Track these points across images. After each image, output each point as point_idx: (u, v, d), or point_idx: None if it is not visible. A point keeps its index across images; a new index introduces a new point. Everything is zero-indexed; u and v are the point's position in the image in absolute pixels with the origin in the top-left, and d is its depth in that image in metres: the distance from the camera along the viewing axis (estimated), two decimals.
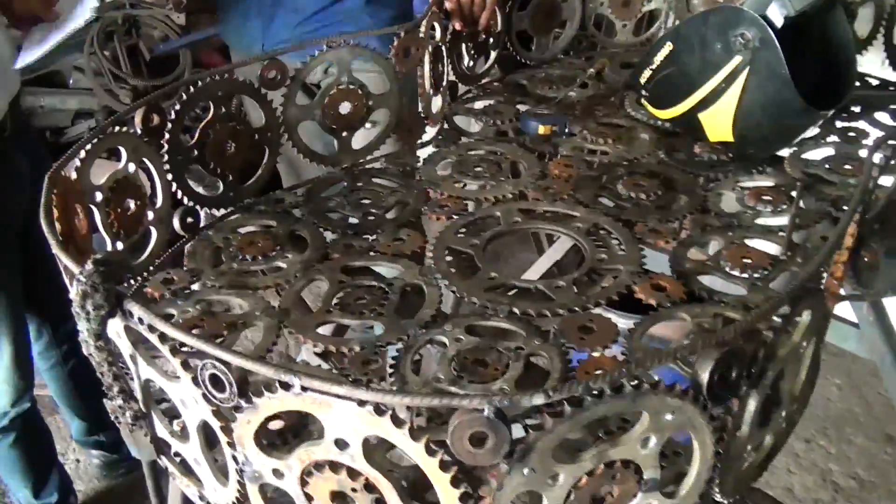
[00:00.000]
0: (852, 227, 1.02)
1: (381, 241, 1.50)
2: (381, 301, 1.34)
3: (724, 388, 0.81)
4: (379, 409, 0.75)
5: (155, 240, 1.46)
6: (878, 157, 1.15)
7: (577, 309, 1.27)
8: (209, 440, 0.93)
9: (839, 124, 1.84)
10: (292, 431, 0.97)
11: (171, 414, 1.01)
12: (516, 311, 1.28)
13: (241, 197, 1.63)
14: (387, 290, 1.36)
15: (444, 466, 0.76)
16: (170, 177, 1.48)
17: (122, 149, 1.38)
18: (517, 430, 0.76)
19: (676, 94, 1.73)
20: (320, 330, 1.27)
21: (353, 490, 0.82)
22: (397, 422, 0.74)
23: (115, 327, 0.92)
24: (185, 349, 0.85)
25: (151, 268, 1.42)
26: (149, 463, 1.04)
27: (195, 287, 1.36)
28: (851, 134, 1.79)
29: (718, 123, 1.69)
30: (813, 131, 1.78)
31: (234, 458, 0.87)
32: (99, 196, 1.32)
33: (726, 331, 0.80)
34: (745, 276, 1.31)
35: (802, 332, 0.94)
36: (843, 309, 1.93)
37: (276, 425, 0.93)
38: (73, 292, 0.87)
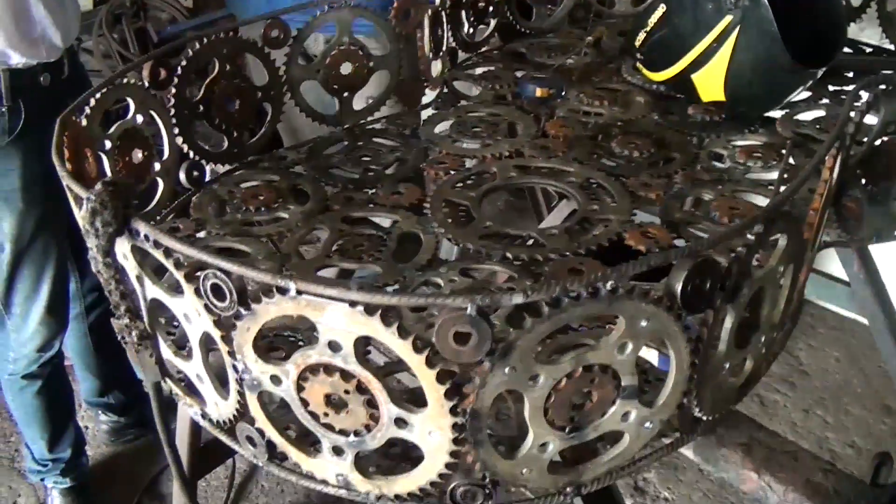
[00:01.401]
0: (830, 161, 1.06)
1: (381, 193, 1.54)
2: (379, 247, 1.38)
3: (698, 298, 0.85)
4: (369, 309, 0.79)
5: (161, 191, 1.51)
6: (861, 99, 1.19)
7: (567, 254, 1.31)
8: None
9: (831, 88, 1.87)
10: None
11: (179, 344, 1.07)
12: (509, 255, 1.32)
13: (245, 153, 1.68)
14: (384, 238, 1.40)
15: (430, 363, 0.80)
16: (176, 130, 1.53)
17: (129, 100, 1.43)
18: None
19: (670, 56, 1.76)
20: (320, 274, 1.32)
21: (346, 392, 0.86)
22: (386, 321, 0.79)
23: (122, 249, 0.97)
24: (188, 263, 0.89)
25: (158, 217, 1.47)
26: (154, 385, 1.09)
27: (200, 235, 1.41)
28: (843, 97, 1.82)
29: (710, 83, 1.73)
30: (805, 94, 1.81)
31: (234, 367, 0.92)
32: (108, 144, 1.37)
33: (700, 242, 0.84)
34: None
35: (779, 256, 0.98)
36: (834, 267, 1.97)
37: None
38: (83, 211, 0.92)
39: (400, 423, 0.87)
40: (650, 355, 1.02)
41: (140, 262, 0.96)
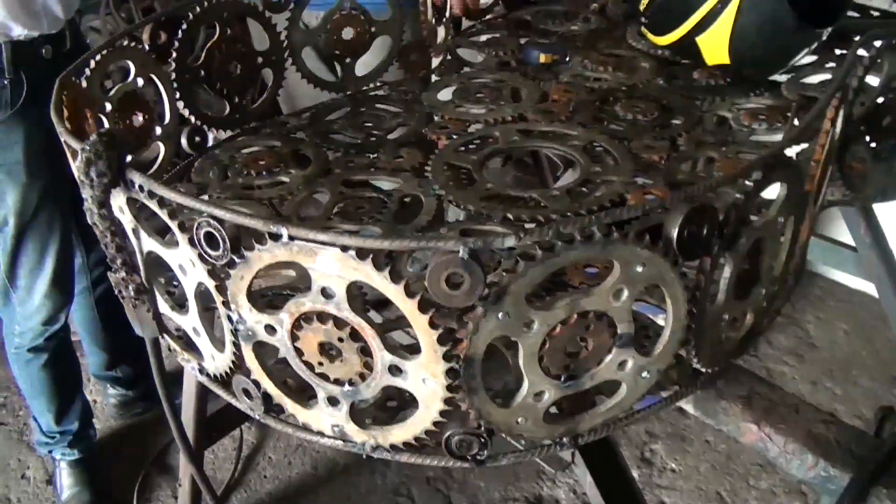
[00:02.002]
0: (831, 112, 1.04)
1: (382, 158, 1.53)
2: (380, 209, 1.37)
3: (695, 244, 0.84)
4: (361, 253, 0.79)
5: (163, 155, 1.51)
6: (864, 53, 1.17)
7: (569, 214, 1.30)
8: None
9: (838, 52, 1.85)
10: None
11: (179, 302, 1.06)
12: (510, 216, 1.31)
13: (247, 119, 1.67)
14: (385, 200, 1.40)
15: (422, 308, 0.80)
16: (177, 95, 1.53)
17: (130, 63, 1.42)
18: None
19: (674, 19, 1.74)
20: None
21: (340, 340, 0.86)
22: (378, 265, 0.78)
23: (117, 202, 0.97)
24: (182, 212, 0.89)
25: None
26: (152, 341, 1.09)
27: (202, 198, 1.41)
28: None
29: (715, 46, 1.70)
30: (811, 58, 1.78)
31: (229, 318, 0.91)
32: (108, 106, 1.37)
33: (695, 187, 0.83)
34: None
35: (779, 206, 0.97)
36: (841, 232, 1.95)
37: None
38: (78, 161, 0.91)
39: (394, 370, 0.87)
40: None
41: (136, 214, 0.96)
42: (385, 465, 2.52)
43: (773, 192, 0.97)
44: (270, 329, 0.90)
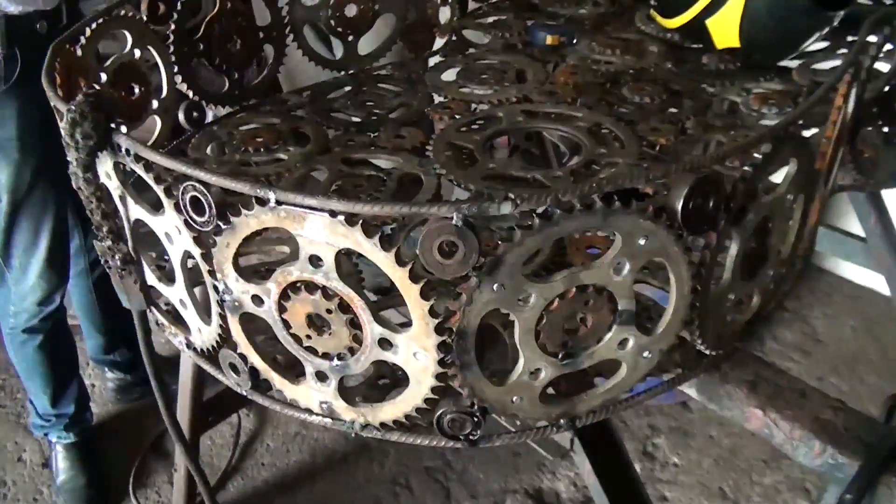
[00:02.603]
0: (843, 87, 1.00)
1: (383, 137, 1.50)
2: (379, 187, 1.34)
3: (700, 217, 0.81)
4: (350, 220, 0.75)
5: (159, 129, 1.48)
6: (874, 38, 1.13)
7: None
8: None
9: (849, 38, 1.81)
10: None
11: (169, 277, 1.03)
12: (512, 196, 1.27)
13: (246, 96, 1.64)
14: (384, 179, 1.37)
15: (413, 277, 0.76)
16: (175, 68, 1.49)
17: (126, 33, 1.39)
18: None
19: (683, 1, 1.70)
20: None
21: (328, 311, 0.83)
22: (368, 231, 0.75)
23: (104, 168, 0.93)
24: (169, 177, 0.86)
25: None
26: (139, 314, 1.06)
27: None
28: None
29: (725, 28, 1.66)
30: (822, 44, 1.75)
31: (215, 288, 0.88)
32: (103, 77, 1.34)
33: (701, 156, 0.79)
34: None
35: (788, 182, 0.93)
36: (850, 223, 1.91)
37: None
38: (63, 122, 0.88)
39: (384, 343, 0.83)
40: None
41: (123, 180, 0.93)
42: (384, 455, 2.50)
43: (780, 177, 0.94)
44: (257, 300, 0.87)
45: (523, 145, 1.56)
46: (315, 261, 0.80)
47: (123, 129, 0.90)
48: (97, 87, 1.30)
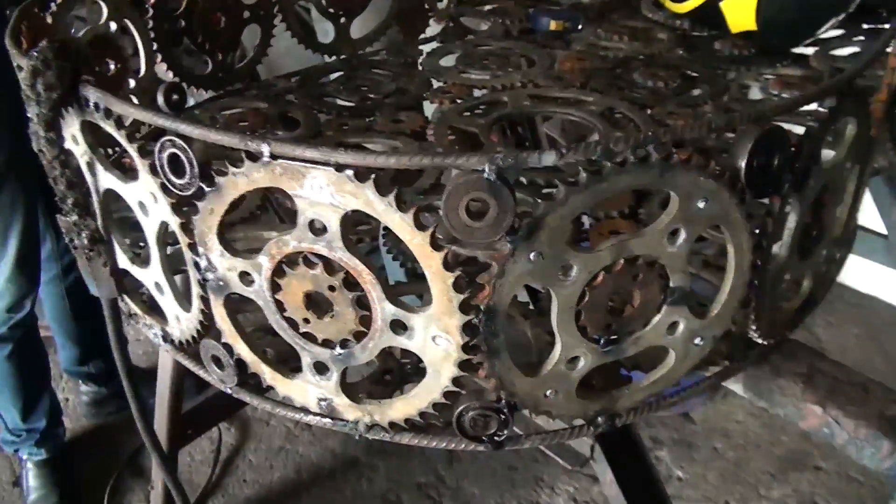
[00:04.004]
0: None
1: (379, 121, 1.39)
2: (377, 172, 1.23)
3: (765, 177, 0.69)
4: (360, 174, 0.63)
5: None
6: None
7: None
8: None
9: (866, 26, 1.73)
10: None
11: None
12: (523, 179, 1.17)
13: (230, 79, 1.53)
14: None
15: (435, 244, 0.64)
16: (154, 45, 1.37)
17: (102, 4, 1.27)
18: None
19: None
20: None
21: (332, 289, 0.70)
22: (381, 188, 0.63)
23: (70, 129, 0.81)
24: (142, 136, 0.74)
25: None
26: (109, 303, 0.93)
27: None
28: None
29: (741, 10, 1.57)
30: (837, 31, 1.67)
31: (197, 265, 0.75)
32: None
33: (766, 106, 0.68)
34: None
35: (847, 147, 0.82)
36: (871, 220, 1.81)
37: None
38: (23, 73, 0.76)
39: (397, 326, 0.71)
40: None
41: (91, 144, 0.80)
42: (373, 470, 2.37)
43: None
44: (246, 277, 0.74)
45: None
46: (316, 227, 0.67)
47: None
48: None
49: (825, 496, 2.32)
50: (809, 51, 1.61)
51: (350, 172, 0.63)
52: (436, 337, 0.69)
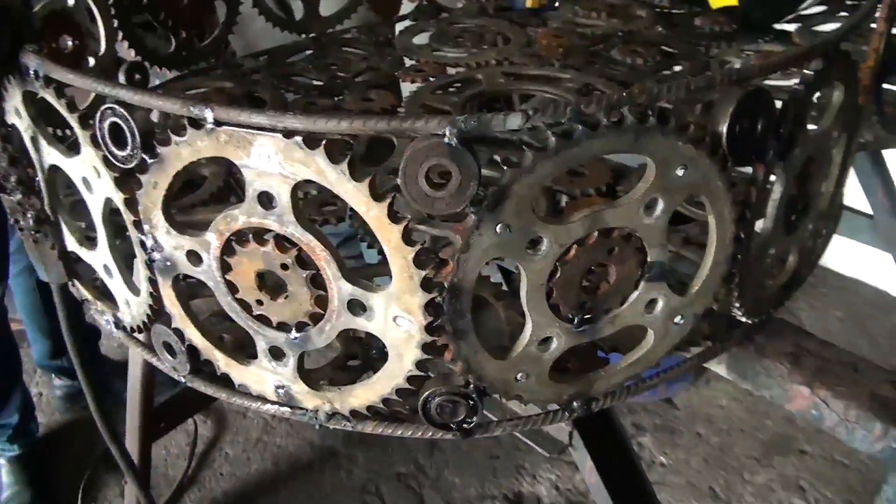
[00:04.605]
0: (885, 10, 0.86)
1: (349, 100, 1.34)
2: (344, 151, 1.18)
3: (748, 143, 0.65)
4: (311, 141, 0.58)
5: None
6: None
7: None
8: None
9: (849, 2, 1.70)
10: None
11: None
12: (497, 158, 1.13)
13: (195, 58, 1.47)
14: (350, 143, 1.22)
15: (394, 216, 0.59)
16: (115, 22, 1.32)
17: None
18: None
19: None
20: None
21: (284, 267, 0.65)
22: (333, 155, 0.58)
23: (12, 102, 0.76)
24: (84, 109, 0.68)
25: None
26: (59, 288, 0.87)
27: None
28: None
29: None
30: (820, 7, 1.63)
31: (143, 244, 0.70)
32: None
33: (749, 67, 0.64)
34: None
35: (834, 114, 0.78)
36: (857, 200, 1.78)
37: None
38: None
39: (355, 306, 0.66)
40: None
41: (34, 117, 0.75)
42: (351, 461, 2.33)
43: None
44: (194, 256, 0.69)
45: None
46: (266, 199, 0.62)
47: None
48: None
49: (810, 480, 2.30)
50: (792, 27, 1.58)
51: (299, 139, 0.58)
52: (397, 317, 0.65)
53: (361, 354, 0.80)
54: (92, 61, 1.30)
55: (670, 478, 2.32)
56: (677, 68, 1.43)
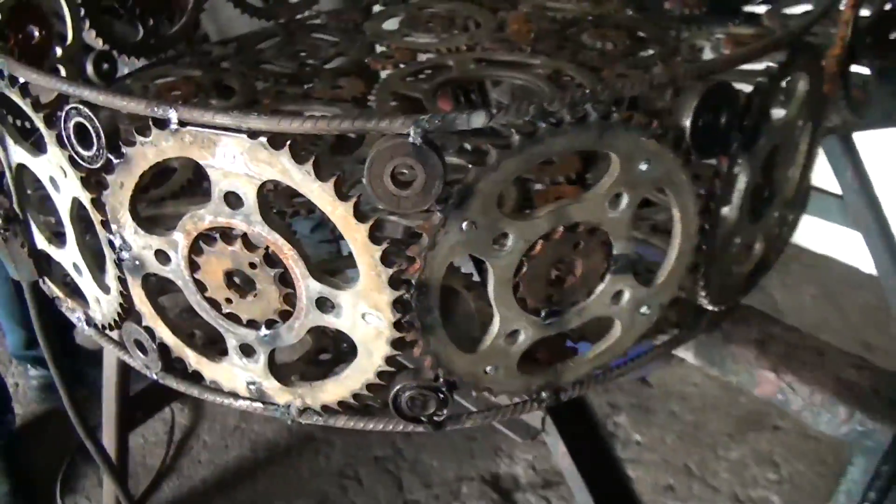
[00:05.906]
0: None
1: (318, 88, 1.34)
2: (315, 141, 1.19)
3: (711, 137, 0.66)
4: (276, 141, 0.58)
5: None
6: None
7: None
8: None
9: None
10: None
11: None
12: (467, 146, 1.13)
13: (163, 46, 1.45)
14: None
15: (360, 215, 0.59)
16: (82, 11, 1.30)
17: None
18: None
19: None
20: None
21: (252, 266, 0.65)
22: (297, 155, 0.58)
23: None
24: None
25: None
26: (30, 286, 0.87)
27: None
28: None
29: None
30: None
31: (111, 244, 0.70)
32: None
33: (712, 62, 0.64)
34: None
35: (800, 104, 0.79)
36: (826, 181, 1.80)
37: None
38: None
39: (323, 304, 0.66)
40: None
41: (1, 116, 0.75)
42: (329, 446, 2.34)
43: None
44: (162, 256, 0.69)
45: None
46: (232, 199, 0.62)
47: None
48: None
49: (784, 455, 2.33)
50: (762, 9, 1.58)
51: (264, 139, 0.58)
52: (365, 314, 0.65)
53: (333, 348, 0.81)
54: (59, 51, 1.28)
55: (646, 455, 2.34)
56: (647, 53, 1.43)
